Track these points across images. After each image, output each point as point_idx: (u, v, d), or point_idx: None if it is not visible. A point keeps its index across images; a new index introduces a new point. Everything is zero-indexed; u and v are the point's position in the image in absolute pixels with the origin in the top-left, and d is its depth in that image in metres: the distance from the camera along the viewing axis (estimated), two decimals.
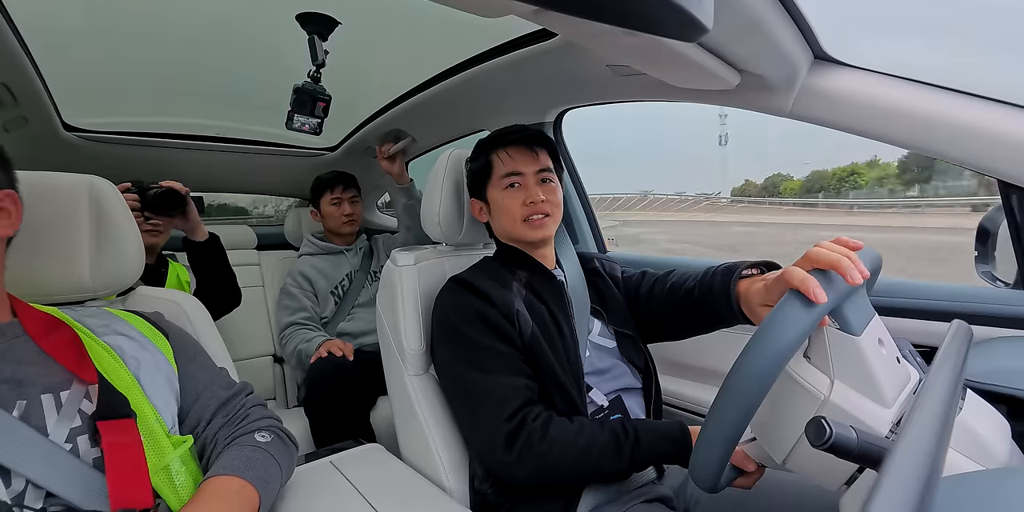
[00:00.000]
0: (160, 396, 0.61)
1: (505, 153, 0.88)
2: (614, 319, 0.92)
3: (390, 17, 1.15)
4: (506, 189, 0.88)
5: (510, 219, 0.88)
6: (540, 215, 0.86)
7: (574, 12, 0.44)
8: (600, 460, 0.72)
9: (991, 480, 0.40)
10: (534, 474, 0.73)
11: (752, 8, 0.65)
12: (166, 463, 0.56)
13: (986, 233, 0.94)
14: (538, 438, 0.72)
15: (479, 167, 0.91)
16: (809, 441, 0.41)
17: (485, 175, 0.90)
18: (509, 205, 0.87)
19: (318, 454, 0.96)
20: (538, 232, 0.87)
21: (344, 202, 1.78)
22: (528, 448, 0.72)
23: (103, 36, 1.20)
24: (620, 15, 0.44)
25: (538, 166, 0.88)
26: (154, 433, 0.57)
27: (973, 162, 0.80)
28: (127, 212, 0.77)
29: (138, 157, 1.74)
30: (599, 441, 0.72)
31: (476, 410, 0.78)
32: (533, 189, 0.87)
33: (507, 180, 0.87)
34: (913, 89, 0.84)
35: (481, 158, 0.91)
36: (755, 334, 0.47)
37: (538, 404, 0.77)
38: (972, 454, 0.48)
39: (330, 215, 1.78)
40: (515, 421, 0.73)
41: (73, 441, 0.53)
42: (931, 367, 0.47)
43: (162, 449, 0.56)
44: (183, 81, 1.47)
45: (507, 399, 0.75)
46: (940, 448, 0.34)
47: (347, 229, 1.80)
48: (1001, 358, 0.72)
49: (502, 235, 0.93)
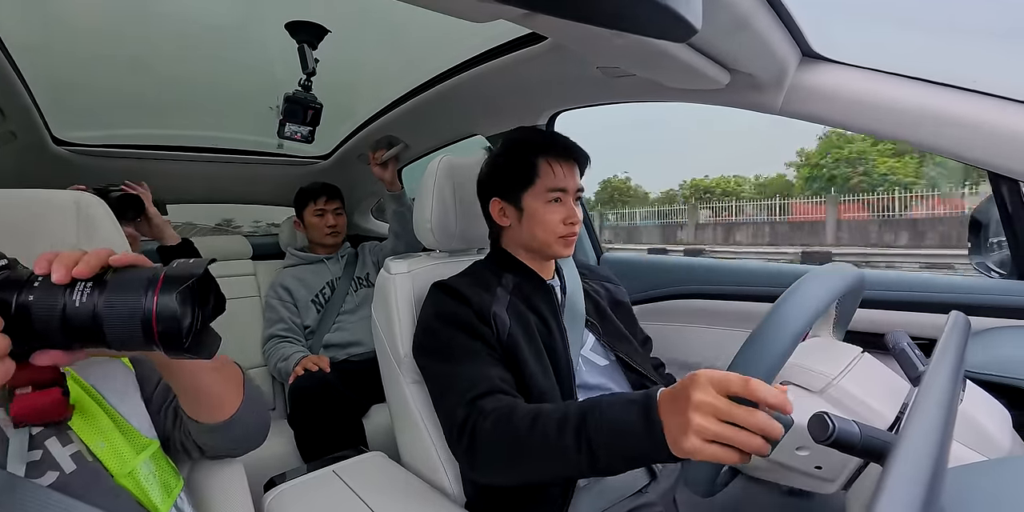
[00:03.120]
0: (118, 394, 0.59)
1: (557, 166, 0.85)
2: (609, 336, 0.90)
3: (379, 24, 1.15)
4: (549, 203, 0.85)
5: (548, 233, 0.86)
6: (574, 235, 0.87)
7: (563, 15, 0.44)
8: (543, 437, 0.59)
9: (996, 470, 0.40)
10: (482, 464, 0.68)
11: (740, 7, 0.65)
12: (131, 468, 0.55)
13: (978, 224, 0.95)
14: (486, 421, 0.66)
15: (519, 170, 0.86)
16: (812, 436, 0.41)
17: (526, 181, 0.85)
18: (551, 220, 0.85)
19: (320, 463, 0.95)
20: (568, 250, 0.88)
21: (328, 213, 1.77)
22: (474, 432, 0.67)
23: (91, 49, 1.20)
24: (609, 17, 0.44)
25: (577, 185, 0.88)
26: (111, 439, 0.55)
27: (963, 154, 0.81)
28: (117, 227, 0.76)
29: (129, 169, 1.73)
30: (541, 415, 0.62)
31: (440, 401, 0.77)
32: (572, 209, 0.86)
33: (553, 194, 0.85)
34: (901, 84, 0.84)
35: (523, 161, 0.86)
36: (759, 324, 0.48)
37: (511, 395, 0.72)
38: (975, 445, 0.48)
39: (313, 226, 1.78)
40: (473, 407, 0.69)
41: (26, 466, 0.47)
42: (931, 359, 0.48)
43: (123, 456, 0.55)
44: (173, 92, 1.47)
45: (471, 387, 0.72)
46: (945, 439, 0.34)
47: (330, 241, 1.80)
48: (999, 348, 0.72)
49: (522, 244, 0.90)
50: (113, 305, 0.38)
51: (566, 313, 0.88)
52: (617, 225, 23.15)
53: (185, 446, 0.65)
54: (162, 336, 0.38)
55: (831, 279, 0.54)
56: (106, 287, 0.39)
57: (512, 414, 0.64)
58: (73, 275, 0.39)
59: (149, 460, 0.58)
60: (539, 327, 0.84)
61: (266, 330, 1.70)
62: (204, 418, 0.60)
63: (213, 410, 0.60)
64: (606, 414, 0.56)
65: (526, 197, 0.86)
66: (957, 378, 0.43)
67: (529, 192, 0.86)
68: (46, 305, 0.39)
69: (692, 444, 0.45)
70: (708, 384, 0.46)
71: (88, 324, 0.38)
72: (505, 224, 0.90)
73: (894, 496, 0.27)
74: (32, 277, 0.40)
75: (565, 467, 0.59)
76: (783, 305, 0.49)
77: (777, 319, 0.48)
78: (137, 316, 0.38)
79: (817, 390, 0.53)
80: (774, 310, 0.49)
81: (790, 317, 0.48)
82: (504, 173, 0.88)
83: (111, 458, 0.54)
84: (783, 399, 0.43)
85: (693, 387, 0.47)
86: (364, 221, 2.34)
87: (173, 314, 0.38)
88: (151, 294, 0.38)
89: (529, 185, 0.85)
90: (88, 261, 0.40)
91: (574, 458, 0.57)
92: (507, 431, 0.64)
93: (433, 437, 0.88)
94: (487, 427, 0.66)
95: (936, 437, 0.33)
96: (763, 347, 0.47)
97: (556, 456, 0.58)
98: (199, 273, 0.40)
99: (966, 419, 0.48)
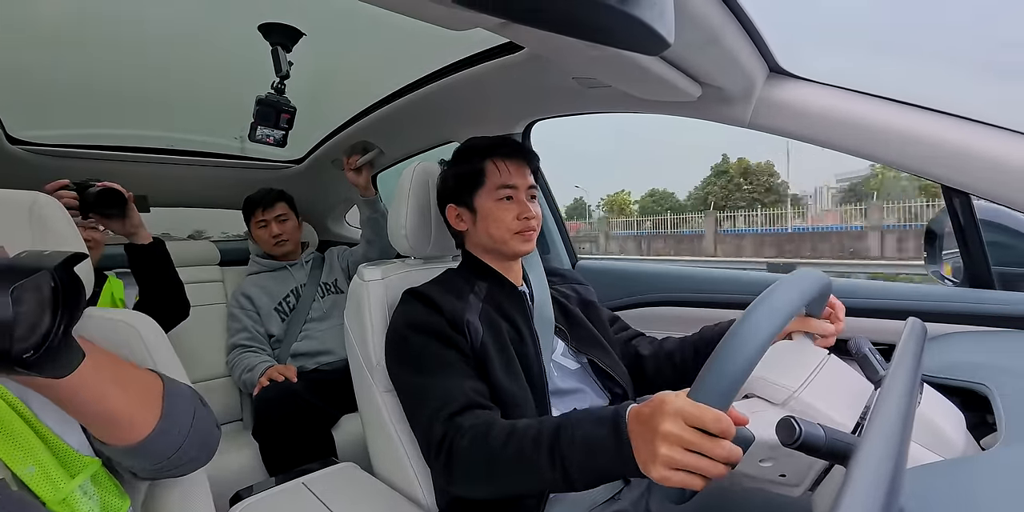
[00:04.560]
0: (51, 411, 0.52)
1: (503, 164, 0.87)
2: (578, 341, 0.91)
3: (356, 28, 1.14)
4: (500, 201, 0.87)
5: (502, 230, 0.87)
6: (531, 230, 0.88)
7: (540, 26, 0.45)
8: (518, 454, 0.61)
9: (952, 470, 0.41)
10: (459, 480, 0.68)
11: (711, 23, 0.67)
12: (64, 495, 0.49)
13: (933, 235, 1.00)
14: (463, 438, 0.67)
15: (467, 173, 0.89)
16: (780, 440, 0.42)
17: (475, 183, 0.88)
18: (503, 216, 0.87)
19: (289, 475, 0.92)
20: (527, 245, 0.88)
21: (270, 223, 1.71)
22: (451, 449, 0.67)
23: (51, 45, 1.15)
24: (585, 29, 0.45)
25: (528, 182, 0.89)
26: (43, 463, 0.49)
27: (920, 169, 0.85)
28: (74, 231, 0.72)
29: (91, 170, 1.65)
30: (516, 432, 0.63)
31: (415, 414, 0.77)
32: (525, 205, 0.87)
33: (503, 191, 0.87)
34: (864, 101, 0.88)
35: (470, 164, 0.89)
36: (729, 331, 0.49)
37: (487, 409, 0.73)
38: (932, 445, 0.50)
39: (259, 238, 1.73)
40: (451, 424, 0.69)
41: None
42: (890, 364, 0.49)
43: (55, 481, 0.49)
44: (140, 92, 1.42)
45: (447, 403, 0.71)
46: (904, 441, 0.35)
47: (279, 250, 1.74)
48: (954, 353, 0.75)
49: (481, 245, 0.91)
50: None
51: (535, 319, 0.89)
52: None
53: (117, 469, 0.57)
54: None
55: (787, 294, 0.53)
56: None
57: (488, 432, 0.65)
58: None
59: (89, 482, 0.52)
60: (511, 334, 0.84)
61: (229, 339, 1.65)
62: (108, 439, 0.51)
63: (114, 430, 0.50)
64: (577, 432, 0.58)
65: (477, 198, 0.88)
66: (915, 382, 0.45)
67: (480, 193, 0.88)
68: None
69: (659, 473, 0.48)
70: (678, 415, 0.47)
71: None
72: (463, 228, 0.92)
73: (857, 496, 0.28)
74: None
75: (540, 483, 0.62)
76: (739, 329, 0.49)
77: (733, 345, 0.47)
78: None
79: (779, 403, 0.54)
80: (730, 335, 0.49)
81: (745, 342, 0.47)
82: (454, 180, 0.91)
83: (42, 484, 0.48)
84: (744, 420, 0.47)
85: (661, 416, 0.48)
86: (338, 227, 2.31)
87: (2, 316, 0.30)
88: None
89: (479, 186, 0.88)
90: None
91: (548, 475, 0.59)
92: (483, 449, 0.65)
93: (406, 447, 0.87)
94: (464, 445, 0.66)
95: (896, 439, 0.34)
96: (721, 376, 0.47)
97: (531, 473, 0.61)
98: (50, 266, 0.33)
99: (923, 421, 0.50)
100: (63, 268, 0.34)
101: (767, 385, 0.55)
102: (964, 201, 0.87)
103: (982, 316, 0.85)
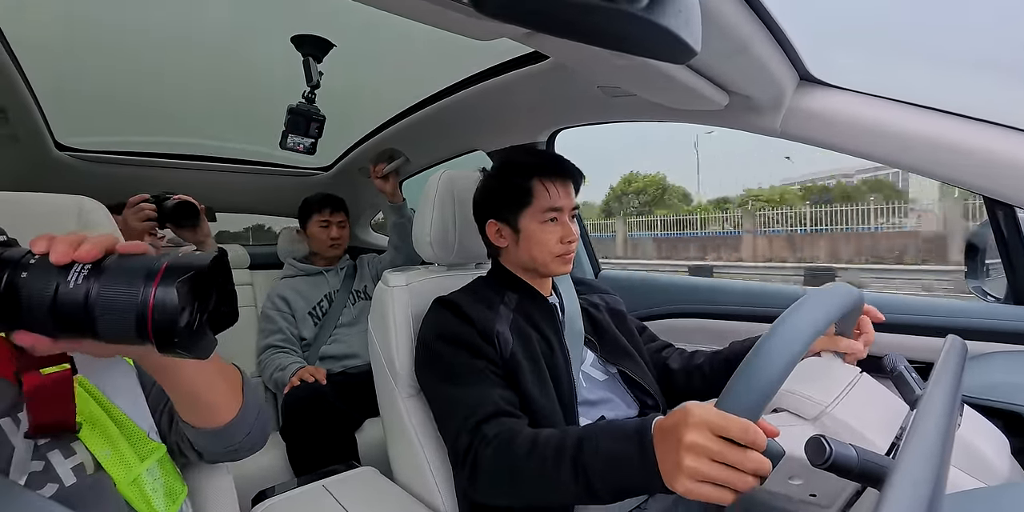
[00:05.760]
0: (124, 396, 0.57)
1: (552, 185, 0.86)
2: (608, 352, 0.90)
3: (384, 39, 1.17)
4: (545, 223, 0.86)
5: (545, 253, 0.86)
6: (571, 253, 0.87)
7: (565, 35, 0.45)
8: (541, 465, 0.60)
9: (994, 497, 0.39)
10: (483, 488, 0.68)
11: (739, 31, 0.66)
12: (135, 476, 0.53)
13: (975, 249, 0.96)
14: (487, 448, 0.67)
15: (515, 192, 0.86)
16: (809, 460, 0.40)
17: (521, 202, 0.86)
18: (547, 239, 0.86)
19: (310, 477, 0.93)
20: (566, 267, 0.88)
21: (332, 225, 1.78)
22: (476, 459, 0.67)
23: (97, 54, 1.21)
24: (610, 38, 0.45)
25: (572, 203, 0.88)
26: (118, 446, 0.53)
27: (958, 179, 0.82)
28: (117, 235, 0.76)
29: (131, 177, 1.73)
30: (540, 442, 0.63)
31: (444, 423, 0.77)
32: (568, 227, 0.86)
33: (549, 214, 0.85)
34: (896, 109, 0.86)
35: (517, 182, 0.87)
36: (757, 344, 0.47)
37: (515, 417, 0.72)
38: (972, 470, 0.47)
39: (316, 237, 1.78)
40: (477, 433, 0.69)
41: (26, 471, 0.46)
42: (928, 383, 0.47)
43: (128, 462, 0.53)
44: (178, 100, 1.48)
45: (475, 411, 0.71)
46: (942, 465, 0.33)
47: (332, 252, 1.80)
48: (996, 373, 0.72)
49: (520, 264, 0.90)
50: (108, 292, 0.35)
51: (566, 331, 0.88)
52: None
53: (182, 449, 0.62)
54: (156, 330, 0.35)
55: (822, 306, 0.53)
56: (103, 273, 0.36)
57: (512, 440, 0.65)
58: (73, 257, 0.36)
59: (155, 466, 0.55)
60: (541, 345, 0.83)
61: (262, 340, 1.68)
62: (200, 423, 0.57)
63: (210, 415, 0.57)
64: (601, 444, 0.57)
65: (522, 219, 0.86)
66: (954, 402, 0.43)
67: (525, 213, 0.86)
68: (38, 285, 0.35)
69: (684, 486, 0.46)
70: (703, 425, 0.46)
71: (79, 310, 0.35)
72: (503, 245, 0.90)
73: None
74: (28, 255, 0.37)
75: (564, 495, 0.60)
76: (770, 339, 0.48)
77: (765, 353, 0.46)
78: (133, 305, 0.35)
79: (810, 418, 0.52)
80: (761, 343, 0.47)
81: (778, 351, 0.46)
82: (498, 195, 0.89)
83: (116, 466, 0.52)
84: (775, 432, 0.45)
85: (686, 427, 0.46)
86: (364, 234, 2.34)
87: (171, 306, 0.35)
88: (150, 283, 0.35)
89: (525, 206, 0.86)
90: (93, 243, 0.37)
91: (571, 487, 0.58)
92: (507, 459, 0.64)
93: (427, 453, 0.87)
94: (488, 454, 0.66)
95: (934, 462, 0.33)
96: (751, 385, 0.46)
97: (553, 485, 0.60)
98: (204, 264, 0.37)
99: (964, 444, 0.48)
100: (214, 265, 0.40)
101: (797, 399, 0.54)
102: (1008, 213, 0.83)
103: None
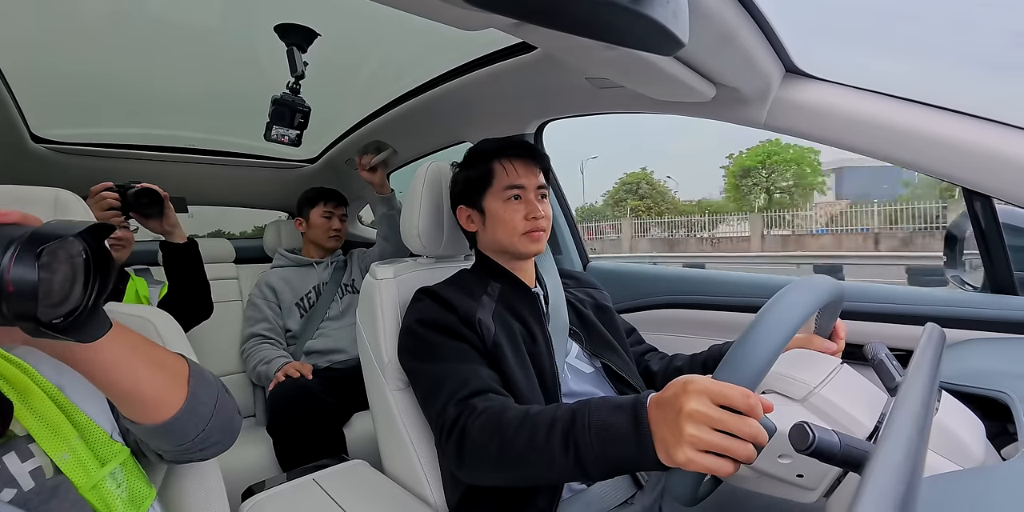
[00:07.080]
0: (86, 395, 0.55)
1: (510, 164, 0.88)
2: (593, 345, 0.91)
3: (370, 29, 1.15)
4: (508, 201, 0.87)
5: (509, 231, 0.87)
6: (540, 230, 0.88)
7: (553, 26, 0.44)
8: (531, 436, 0.59)
9: (970, 479, 0.40)
10: (468, 462, 0.66)
11: (726, 23, 0.67)
12: (96, 481, 0.51)
13: (954, 239, 0.98)
14: (476, 419, 0.65)
15: (476, 175, 0.89)
16: (793, 446, 0.41)
17: (484, 184, 0.89)
18: (511, 217, 0.87)
19: (300, 471, 0.93)
20: (536, 245, 0.88)
21: (335, 217, 1.79)
22: (464, 431, 0.66)
23: (73, 45, 1.17)
24: (598, 29, 0.44)
25: (538, 181, 0.90)
26: (76, 450, 0.51)
27: (939, 170, 0.83)
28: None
29: (111, 169, 1.69)
30: (532, 414, 0.62)
31: (430, 400, 0.76)
32: (533, 204, 0.87)
33: (510, 192, 0.87)
34: (880, 101, 0.87)
35: (479, 166, 0.90)
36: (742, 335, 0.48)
37: (501, 394, 0.72)
38: (950, 454, 0.49)
39: (318, 226, 1.78)
40: (465, 405, 0.68)
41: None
42: (907, 370, 0.49)
43: (87, 467, 0.51)
44: (158, 91, 1.45)
45: (463, 385, 0.71)
46: (920, 449, 0.34)
47: (330, 244, 1.80)
48: (973, 360, 0.74)
49: (492, 246, 0.92)
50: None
51: (551, 321, 0.88)
52: None
53: (143, 450, 0.60)
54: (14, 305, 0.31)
55: (812, 290, 0.55)
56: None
57: (502, 413, 0.64)
58: None
59: (119, 469, 0.54)
60: (524, 335, 0.84)
61: (247, 329, 1.66)
62: (139, 418, 0.53)
63: (144, 409, 0.52)
64: (595, 417, 0.56)
65: (486, 199, 0.89)
66: (932, 389, 0.44)
67: (488, 194, 0.88)
68: None
69: (686, 455, 0.46)
70: (703, 394, 0.46)
71: None
72: (474, 229, 0.93)
73: (871, 504, 0.28)
74: None
75: (550, 469, 0.58)
76: (766, 315, 0.50)
77: (761, 329, 0.48)
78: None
79: (799, 398, 0.54)
80: (758, 320, 0.50)
81: (773, 327, 0.48)
82: (465, 181, 0.92)
83: (76, 471, 0.50)
84: (771, 407, 0.46)
85: (686, 396, 0.47)
86: (352, 227, 2.33)
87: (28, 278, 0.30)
88: (9, 253, 0.31)
89: (487, 187, 0.88)
90: None
91: (560, 460, 0.56)
92: (496, 431, 0.63)
93: (416, 445, 0.88)
94: (477, 425, 0.65)
95: (912, 446, 0.34)
96: (748, 356, 0.48)
97: (542, 457, 0.58)
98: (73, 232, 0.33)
99: (941, 429, 0.49)
100: (89, 234, 0.35)
101: (787, 380, 0.55)
102: (986, 204, 0.85)
103: (1003, 322, 0.83)
